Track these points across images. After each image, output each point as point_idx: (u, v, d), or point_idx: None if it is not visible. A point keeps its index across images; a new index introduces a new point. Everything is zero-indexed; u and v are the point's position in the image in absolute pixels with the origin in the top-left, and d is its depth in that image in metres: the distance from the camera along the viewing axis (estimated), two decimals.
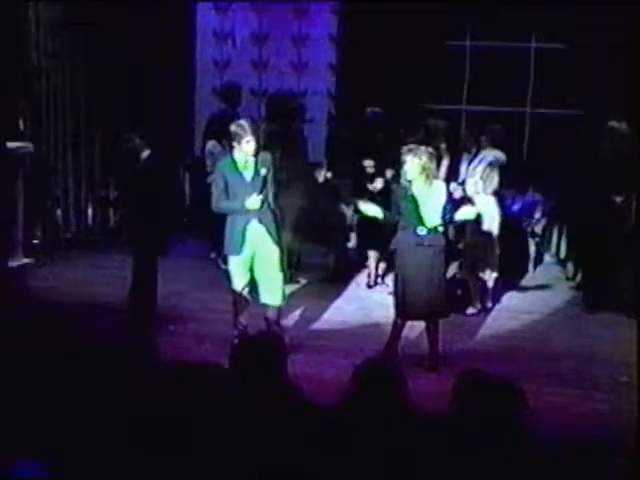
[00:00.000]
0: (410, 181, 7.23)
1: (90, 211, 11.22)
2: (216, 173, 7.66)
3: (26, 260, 9.83)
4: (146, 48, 10.90)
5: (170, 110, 11.45)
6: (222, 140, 10.13)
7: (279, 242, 7.54)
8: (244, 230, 7.41)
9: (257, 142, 7.39)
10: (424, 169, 7.16)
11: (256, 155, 7.41)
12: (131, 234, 8.23)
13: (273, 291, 7.56)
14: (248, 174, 7.44)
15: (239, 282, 7.53)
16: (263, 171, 7.44)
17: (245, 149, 7.35)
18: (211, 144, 10.18)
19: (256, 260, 7.51)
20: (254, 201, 7.31)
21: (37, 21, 10.28)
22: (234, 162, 7.46)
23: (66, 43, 10.57)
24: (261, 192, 7.38)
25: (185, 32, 11.85)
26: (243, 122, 7.47)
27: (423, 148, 7.29)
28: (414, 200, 7.20)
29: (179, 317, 8.32)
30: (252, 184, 7.41)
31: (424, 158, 7.17)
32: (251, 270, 7.54)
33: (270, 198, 7.52)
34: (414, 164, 7.16)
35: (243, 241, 7.42)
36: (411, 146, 7.37)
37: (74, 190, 10.97)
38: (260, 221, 7.41)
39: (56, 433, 3.95)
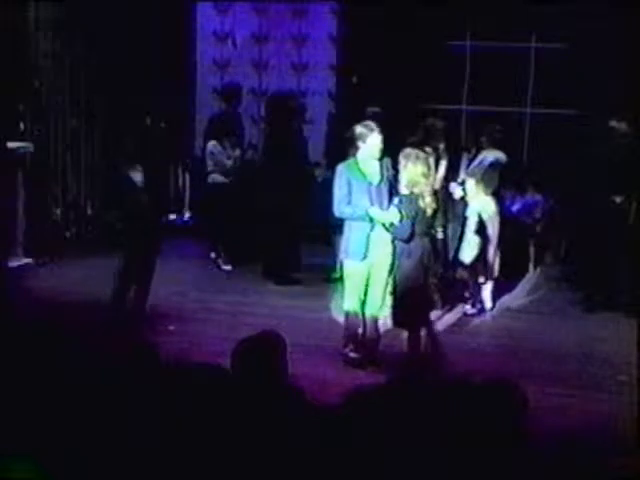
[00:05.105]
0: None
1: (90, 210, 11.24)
2: (338, 175, 7.21)
3: (26, 260, 9.83)
4: (146, 48, 10.90)
5: (170, 110, 11.46)
6: (222, 140, 10.16)
7: (394, 250, 7.14)
8: (369, 236, 7.08)
9: (383, 139, 7.13)
10: (424, 175, 7.16)
11: (381, 158, 7.15)
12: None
13: (379, 300, 7.25)
14: (374, 178, 7.14)
15: (355, 290, 7.17)
16: (388, 175, 7.16)
17: (372, 147, 7.07)
18: (211, 144, 10.19)
19: (373, 268, 7.15)
20: (385, 215, 7.03)
21: (37, 21, 10.28)
22: (357, 164, 7.15)
23: (66, 43, 10.57)
24: (390, 198, 7.09)
25: (185, 32, 11.86)
26: (368, 122, 7.22)
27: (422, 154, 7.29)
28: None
29: (179, 317, 8.32)
30: (378, 189, 7.11)
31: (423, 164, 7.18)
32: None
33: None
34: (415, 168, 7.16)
35: (367, 247, 7.08)
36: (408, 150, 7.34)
37: (74, 190, 10.98)
38: (384, 227, 7.10)
39: (56, 433, 3.95)
